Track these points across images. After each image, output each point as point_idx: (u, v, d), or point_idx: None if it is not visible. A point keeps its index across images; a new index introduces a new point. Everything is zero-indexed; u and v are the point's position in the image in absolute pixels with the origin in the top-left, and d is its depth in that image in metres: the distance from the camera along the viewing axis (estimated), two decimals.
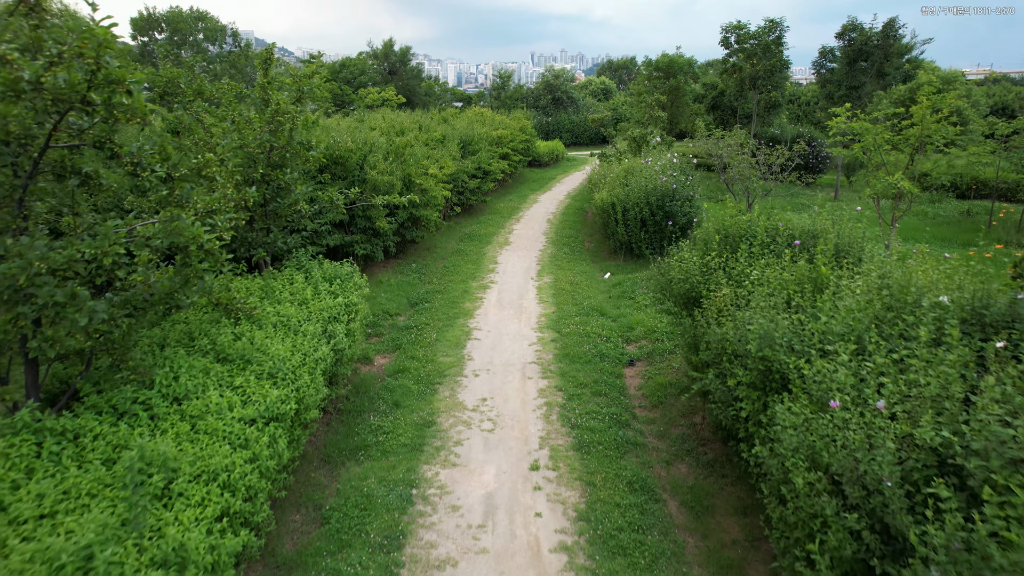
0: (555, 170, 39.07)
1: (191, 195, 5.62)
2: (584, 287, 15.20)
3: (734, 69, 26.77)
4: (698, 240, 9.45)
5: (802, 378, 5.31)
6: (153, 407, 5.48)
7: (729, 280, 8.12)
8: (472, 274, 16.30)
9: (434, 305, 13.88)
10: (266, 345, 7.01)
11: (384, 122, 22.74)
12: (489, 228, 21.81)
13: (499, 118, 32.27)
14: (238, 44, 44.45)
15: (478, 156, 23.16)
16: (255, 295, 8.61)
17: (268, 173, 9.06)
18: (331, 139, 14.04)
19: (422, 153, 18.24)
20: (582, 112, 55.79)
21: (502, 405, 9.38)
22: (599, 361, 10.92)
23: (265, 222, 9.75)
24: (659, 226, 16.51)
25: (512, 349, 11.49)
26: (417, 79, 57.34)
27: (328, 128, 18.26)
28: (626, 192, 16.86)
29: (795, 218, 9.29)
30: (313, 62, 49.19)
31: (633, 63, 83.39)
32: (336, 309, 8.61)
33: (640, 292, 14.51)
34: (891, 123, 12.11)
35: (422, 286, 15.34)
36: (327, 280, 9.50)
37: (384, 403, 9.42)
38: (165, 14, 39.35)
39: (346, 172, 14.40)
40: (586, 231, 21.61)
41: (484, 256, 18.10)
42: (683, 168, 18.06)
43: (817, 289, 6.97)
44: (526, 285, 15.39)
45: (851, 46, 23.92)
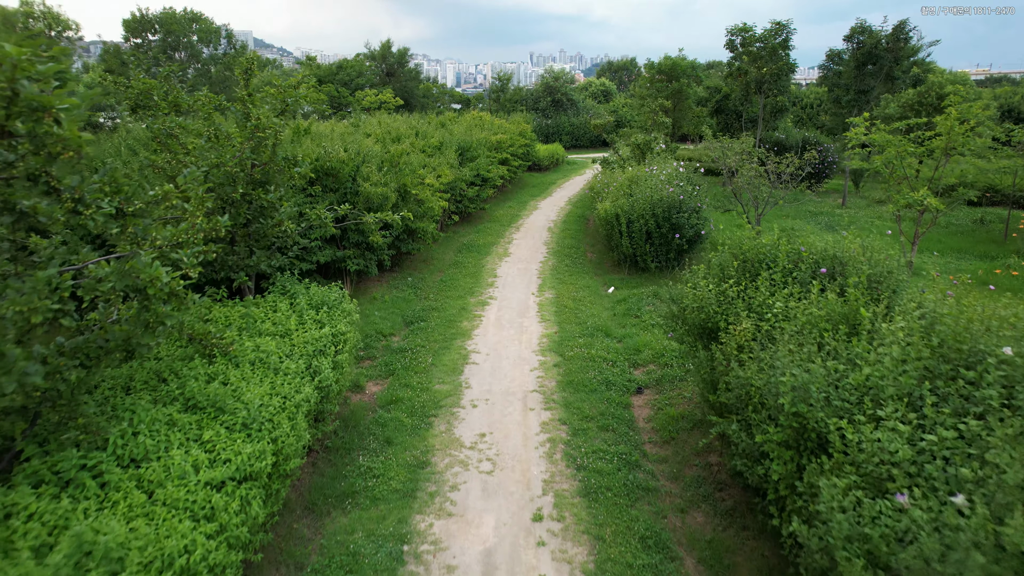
0: (555, 174, 38.41)
1: (149, 231, 4.94)
2: (587, 303, 14.53)
3: (739, 73, 26.11)
4: (713, 265, 8.77)
5: (845, 442, 4.64)
6: (104, 473, 4.80)
7: (749, 312, 7.45)
8: (470, 289, 15.63)
9: (430, 324, 13.20)
10: (241, 389, 6.33)
11: (380, 128, 22.06)
12: (488, 237, 21.14)
13: (498, 122, 31.61)
14: (233, 46, 43.71)
15: (477, 163, 22.49)
16: (234, 326, 7.94)
17: (249, 192, 8.38)
18: (322, 150, 13.37)
19: (418, 162, 17.57)
20: (582, 114, 55.13)
21: (502, 442, 8.70)
22: (605, 390, 10.24)
23: (247, 243, 9.08)
24: (665, 239, 15.85)
25: (512, 375, 10.82)
26: (415, 81, 56.65)
27: (321, 136, 17.60)
28: (630, 203, 16.20)
29: (818, 240, 8.62)
30: (310, 64, 48.78)
31: (633, 64, 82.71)
32: (322, 341, 7.93)
33: (647, 310, 13.84)
34: (915, 134, 11.45)
35: (418, 302, 14.67)
36: (314, 307, 8.82)
37: (375, 439, 8.74)
38: (158, 15, 38.61)
39: (338, 184, 13.73)
40: (588, 241, 20.95)
41: (483, 269, 17.43)
42: (689, 177, 17.40)
43: (852, 329, 6.30)
44: (527, 301, 14.72)
45: (860, 49, 23.27)
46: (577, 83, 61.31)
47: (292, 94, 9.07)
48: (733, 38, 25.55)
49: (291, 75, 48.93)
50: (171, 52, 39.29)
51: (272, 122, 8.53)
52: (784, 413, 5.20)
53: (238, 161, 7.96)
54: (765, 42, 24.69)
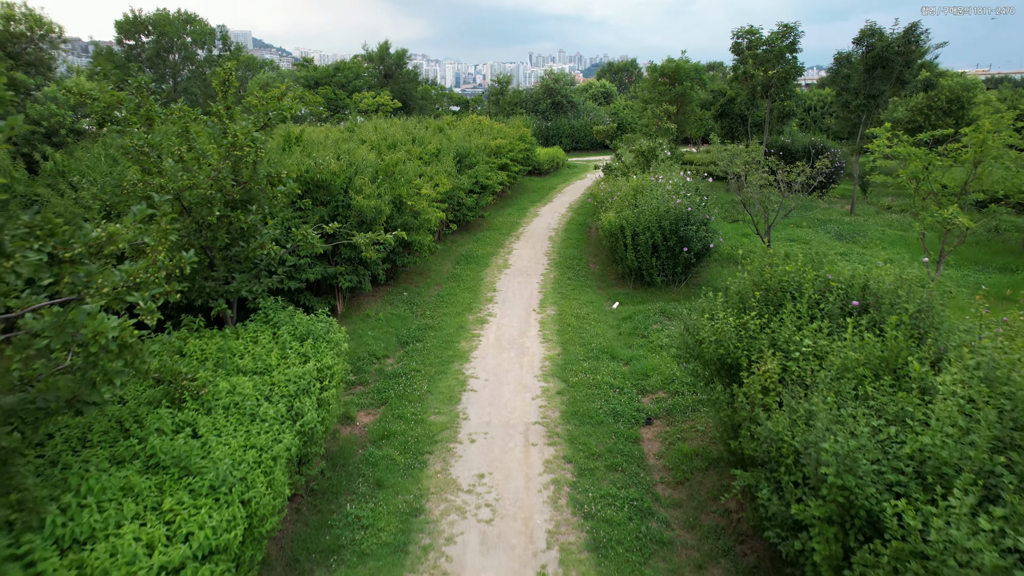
0: (555, 178, 37.75)
1: (95, 276, 4.27)
2: (591, 321, 13.86)
3: (745, 76, 25.43)
4: (732, 293, 8.09)
5: (903, 526, 3.97)
6: (37, 563, 4.12)
7: (774, 348, 6.77)
8: (469, 304, 14.95)
9: (426, 345, 12.52)
10: (211, 444, 5.65)
11: (375, 134, 21.39)
12: (487, 247, 20.46)
13: (497, 126, 30.94)
14: (228, 47, 43.01)
15: (475, 170, 21.82)
16: (210, 361, 7.26)
17: (228, 214, 7.70)
18: (312, 161, 12.68)
19: (414, 171, 16.89)
20: (583, 116, 54.47)
21: (502, 484, 8.02)
22: (612, 421, 9.57)
23: (227, 267, 8.40)
24: (672, 252, 15.18)
25: (513, 404, 10.14)
26: (413, 83, 55.97)
27: (313, 144, 16.93)
28: (636, 214, 15.52)
29: (845, 266, 7.93)
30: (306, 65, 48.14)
31: (634, 65, 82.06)
32: (306, 378, 7.24)
33: (654, 329, 13.16)
34: (944, 147, 10.78)
35: (414, 320, 13.99)
36: (298, 338, 8.14)
37: (365, 482, 8.07)
38: (151, 16, 37.91)
39: (329, 196, 13.05)
40: (590, 250, 20.28)
41: (482, 282, 16.75)
42: (697, 187, 16.72)
43: (895, 376, 5.63)
44: (528, 319, 14.04)
45: (870, 52, 22.62)
46: (577, 85, 60.62)
47: (275, 106, 8.39)
48: (739, 41, 24.86)
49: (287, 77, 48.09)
50: (165, 54, 38.58)
51: (253, 137, 7.84)
52: (827, 485, 4.52)
53: (215, 181, 7.27)
54: (772, 45, 24.01)
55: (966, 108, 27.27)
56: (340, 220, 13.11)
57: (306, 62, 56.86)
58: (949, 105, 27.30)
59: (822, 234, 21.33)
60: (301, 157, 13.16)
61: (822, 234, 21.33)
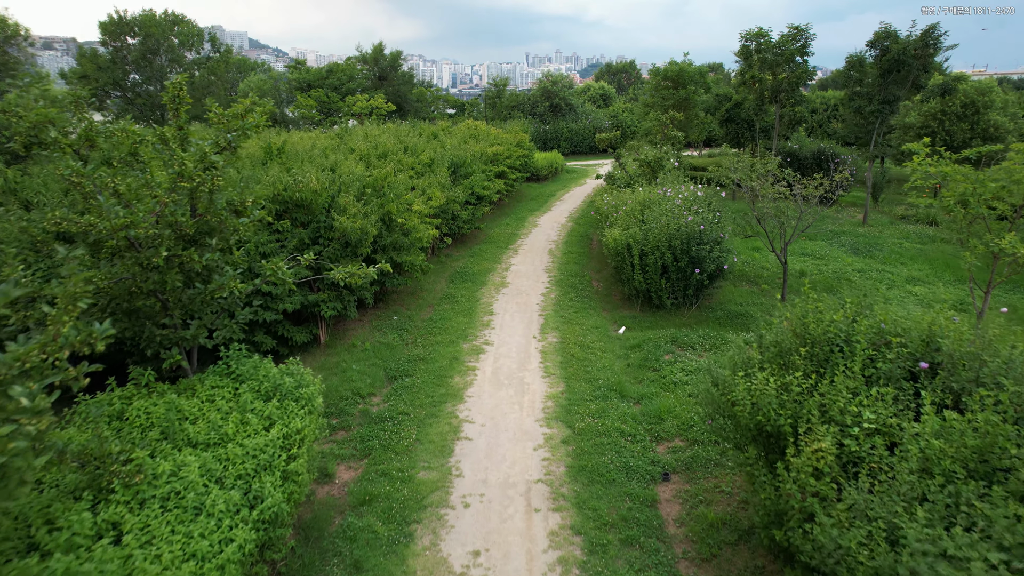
0: (554, 185, 36.63)
1: None
2: (597, 350, 12.74)
3: (753, 81, 24.35)
4: (767, 342, 6.97)
5: None
6: None
7: (826, 420, 5.66)
8: (463, 331, 13.82)
9: (417, 381, 11.39)
10: (136, 559, 4.52)
11: (365, 142, 20.25)
12: (483, 263, 19.33)
13: (494, 132, 29.83)
14: (217, 49, 41.82)
15: (471, 180, 20.69)
16: (154, 431, 6.13)
17: (178, 253, 6.56)
18: (291, 179, 11.54)
19: (405, 184, 15.76)
20: (581, 119, 53.35)
21: (501, 565, 6.90)
22: (625, 479, 8.45)
23: (182, 311, 7.27)
24: (683, 273, 14.07)
25: (513, 457, 9.01)
26: (409, 85, 54.74)
27: (297, 156, 15.80)
28: (644, 232, 14.41)
29: (901, 315, 6.82)
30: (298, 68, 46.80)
31: (632, 66, 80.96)
32: (270, 450, 6.12)
33: (665, 360, 12.05)
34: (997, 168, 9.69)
35: (403, 349, 12.86)
36: (263, 396, 7.00)
37: (341, 562, 6.93)
38: (137, 17, 36.69)
39: (310, 217, 11.92)
40: (593, 265, 19.17)
41: (478, 304, 15.61)
42: (710, 202, 15.61)
43: (992, 473, 4.52)
44: (527, 348, 12.92)
45: (885, 56, 21.54)
46: (576, 87, 59.52)
47: (236, 124, 7.25)
48: (748, 43, 23.77)
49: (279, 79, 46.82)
50: (151, 56, 37.37)
51: (210, 162, 6.71)
52: None
53: (159, 218, 6.14)
54: (782, 48, 22.93)
55: (981, 113, 26.24)
56: (322, 243, 11.98)
57: (298, 64, 55.54)
58: (964, 110, 26.26)
59: (836, 248, 20.24)
60: (279, 173, 12.02)
61: (836, 248, 20.24)
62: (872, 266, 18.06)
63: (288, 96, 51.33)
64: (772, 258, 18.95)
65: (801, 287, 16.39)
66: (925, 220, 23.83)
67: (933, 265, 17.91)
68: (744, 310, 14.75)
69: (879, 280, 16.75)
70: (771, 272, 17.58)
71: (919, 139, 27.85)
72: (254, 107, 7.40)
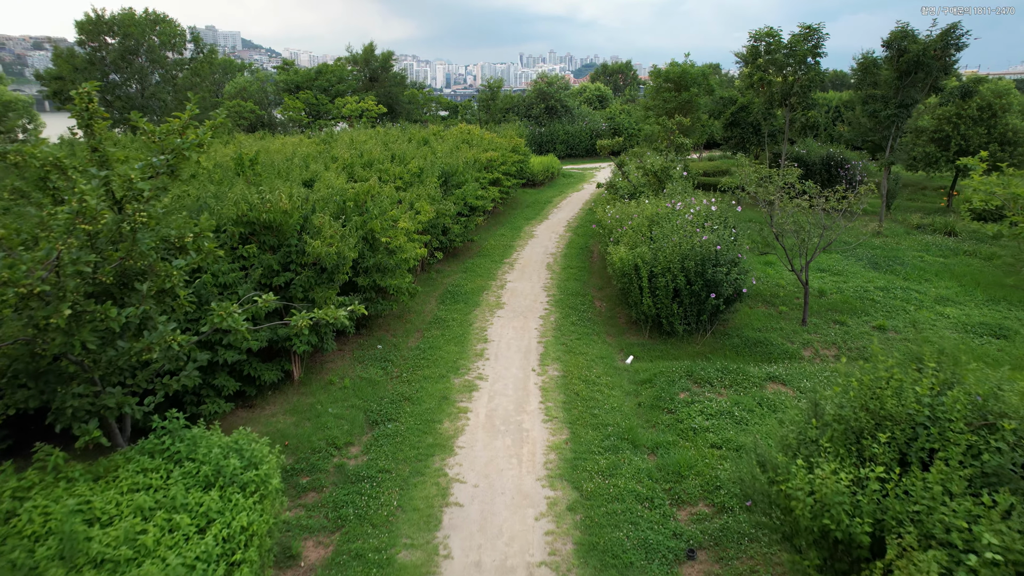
0: (551, 190, 35.28)
1: None
2: (604, 386, 11.41)
3: (762, 83, 23.04)
4: (830, 419, 5.61)
5: None
6: None
7: (924, 535, 4.34)
8: (455, 362, 12.46)
9: (401, 427, 10.03)
10: None
11: (350, 151, 18.87)
12: (477, 279, 17.96)
13: (488, 136, 28.46)
14: (201, 49, 40.29)
15: (464, 190, 19.33)
16: (50, 541, 4.76)
17: (87, 309, 5.20)
18: (258, 198, 10.15)
19: (391, 197, 14.40)
20: (577, 121, 51.98)
21: None
22: (644, 561, 7.12)
23: (102, 374, 5.90)
24: (697, 297, 12.76)
25: (511, 530, 7.67)
26: (400, 86, 53.30)
27: (273, 167, 14.43)
28: (653, 252, 13.08)
29: (993, 379, 5.48)
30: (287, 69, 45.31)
31: (628, 67, 79.62)
32: (201, 567, 4.76)
33: (681, 400, 10.73)
34: None
35: (387, 385, 11.50)
36: (202, 483, 5.63)
37: None
38: (116, 17, 35.12)
39: (281, 239, 10.54)
40: (595, 282, 17.84)
41: (470, 329, 14.25)
42: (724, 218, 14.29)
43: None
44: (526, 383, 11.58)
45: (903, 57, 20.27)
46: (571, 88, 58.16)
47: (171, 143, 5.89)
48: (756, 44, 22.45)
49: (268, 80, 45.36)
50: (131, 56, 35.84)
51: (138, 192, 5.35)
52: None
53: (58, 268, 4.78)
54: (793, 49, 21.63)
55: (999, 116, 25.02)
56: (294, 269, 10.61)
57: (287, 65, 54.08)
58: (980, 113, 25.05)
59: (853, 261, 18.96)
60: (246, 190, 10.62)
61: (853, 261, 18.96)
62: (895, 283, 16.77)
63: (276, 98, 49.86)
64: (787, 274, 17.66)
65: (822, 309, 15.15)
66: (943, 230, 22.59)
67: (962, 282, 16.63)
68: (762, 336, 13.44)
69: (905, 300, 15.46)
70: (787, 291, 16.28)
71: (933, 143, 26.72)
72: (200, 125, 6.02)
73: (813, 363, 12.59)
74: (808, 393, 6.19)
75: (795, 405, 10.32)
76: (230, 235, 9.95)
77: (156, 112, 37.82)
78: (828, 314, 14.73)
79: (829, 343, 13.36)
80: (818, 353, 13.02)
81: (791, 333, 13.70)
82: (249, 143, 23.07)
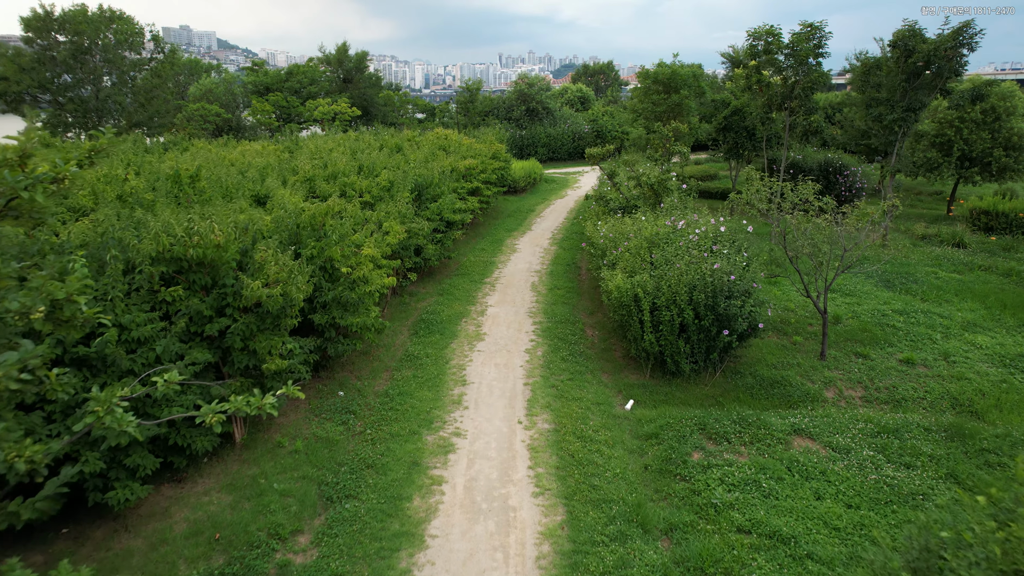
0: (533, 197, 33.59)
1: None
2: (602, 443, 9.73)
3: (760, 86, 21.51)
4: None
5: None
6: None
7: None
8: (428, 413, 10.71)
9: (361, 507, 8.26)
10: None
11: (313, 162, 17.02)
12: (454, 304, 16.19)
13: (467, 142, 26.70)
14: (161, 49, 37.92)
15: (440, 203, 17.56)
16: None
17: None
18: (184, 230, 8.30)
19: (355, 218, 12.63)
20: (559, 124, 50.35)
21: None
22: None
23: None
24: (707, 332, 11.13)
25: None
26: (376, 88, 51.29)
27: (215, 185, 12.61)
28: (655, 279, 11.44)
29: None
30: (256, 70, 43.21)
31: (610, 67, 78.15)
32: None
33: (695, 463, 9.07)
34: None
35: (347, 445, 9.72)
36: None
37: None
38: (67, 13, 32.73)
39: (215, 277, 8.70)
40: (584, 305, 16.17)
41: (447, 368, 12.49)
42: (734, 239, 12.69)
43: None
44: (511, 441, 9.86)
45: (910, 58, 18.88)
46: (552, 89, 56.52)
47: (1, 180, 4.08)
48: (755, 44, 20.91)
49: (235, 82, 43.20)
50: (83, 56, 33.49)
51: None
52: None
53: None
54: (795, 48, 20.14)
55: (1003, 120, 23.81)
56: (231, 314, 8.77)
57: (256, 65, 51.81)
58: (984, 116, 23.81)
59: (863, 280, 17.48)
60: (170, 219, 8.76)
61: (863, 280, 17.48)
62: (913, 305, 15.30)
63: (245, 100, 47.58)
64: (794, 294, 16.14)
65: (840, 339, 13.61)
66: (951, 241, 21.25)
67: (986, 303, 15.20)
68: (779, 374, 11.86)
69: (930, 326, 13.97)
70: (799, 316, 14.73)
71: (934, 148, 25.45)
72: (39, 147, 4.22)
73: (838, 406, 11.04)
74: (916, 531, 4.50)
75: (832, 469, 8.73)
76: (147, 276, 8.10)
77: (114, 116, 35.53)
78: (847, 345, 13.19)
79: (854, 382, 11.81)
80: (842, 395, 11.46)
81: (810, 370, 12.13)
82: (204, 151, 21.12)
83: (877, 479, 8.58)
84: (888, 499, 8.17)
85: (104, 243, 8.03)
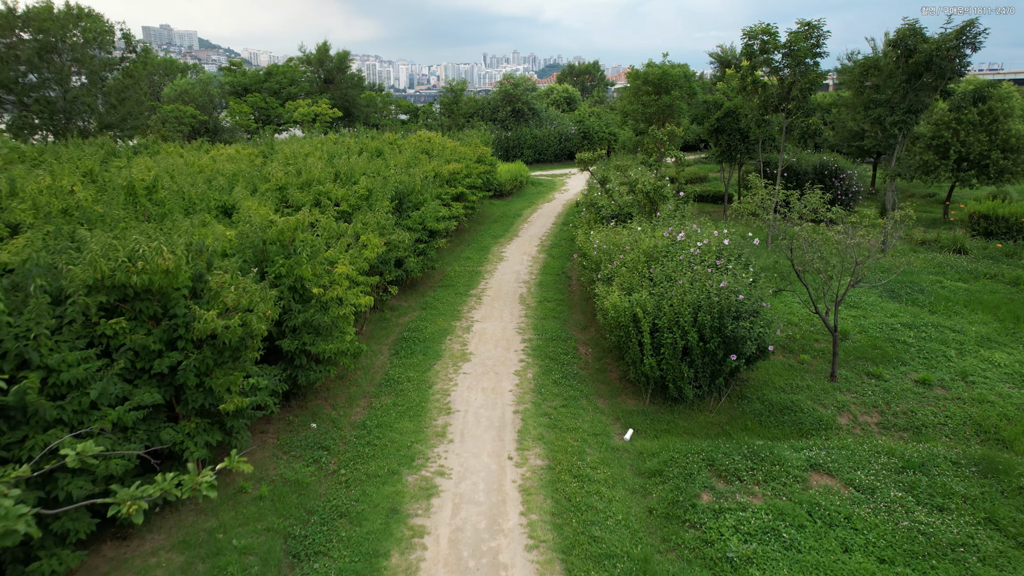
0: (520, 201, 32.65)
1: None
2: (601, 483, 8.82)
3: (755, 87, 20.73)
4: None
5: None
6: None
7: None
8: (408, 447, 9.73)
9: (332, 567, 7.28)
10: None
11: (287, 169, 15.96)
12: (438, 319, 15.20)
13: (451, 145, 25.69)
14: (133, 48, 36.51)
15: (423, 211, 16.57)
16: None
17: None
18: (124, 255, 7.25)
19: (329, 231, 11.63)
20: (545, 124, 49.43)
21: None
22: None
23: None
24: (714, 357, 10.25)
25: None
26: (357, 88, 50.14)
27: (175, 198, 11.56)
28: (656, 298, 10.54)
29: None
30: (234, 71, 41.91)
31: (596, 67, 77.38)
32: None
33: (704, 506, 8.16)
34: None
35: (319, 489, 8.73)
36: None
37: None
38: (31, 10, 31.29)
39: (166, 305, 7.66)
40: (576, 319, 15.26)
41: (429, 394, 11.52)
42: (738, 253, 11.84)
43: None
44: (501, 481, 8.91)
45: (911, 58, 18.18)
46: (538, 90, 55.57)
47: None
48: (751, 43, 20.10)
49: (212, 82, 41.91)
50: (49, 55, 32.05)
51: None
52: None
53: None
54: (792, 48, 19.34)
55: (1000, 121, 23.20)
56: (183, 348, 7.73)
57: (234, 66, 50.43)
58: (981, 118, 23.19)
59: (866, 289, 16.70)
60: (111, 242, 7.71)
61: (866, 289, 16.70)
62: (922, 318, 14.53)
63: (223, 101, 46.19)
64: (799, 308, 15.33)
65: (849, 356, 12.79)
66: (951, 247, 20.58)
67: (998, 315, 14.47)
68: (788, 399, 11.01)
69: (942, 342, 13.20)
70: (804, 331, 13.91)
71: (931, 151, 24.81)
72: None
73: (854, 434, 10.21)
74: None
75: (857, 514, 7.86)
76: (82, 307, 7.05)
77: (84, 117, 34.13)
78: (857, 364, 12.38)
79: (868, 406, 10.99)
80: (857, 421, 10.63)
81: (821, 393, 11.30)
82: (174, 156, 19.98)
83: (909, 526, 7.72)
84: (925, 551, 7.31)
85: (27, 271, 6.97)
